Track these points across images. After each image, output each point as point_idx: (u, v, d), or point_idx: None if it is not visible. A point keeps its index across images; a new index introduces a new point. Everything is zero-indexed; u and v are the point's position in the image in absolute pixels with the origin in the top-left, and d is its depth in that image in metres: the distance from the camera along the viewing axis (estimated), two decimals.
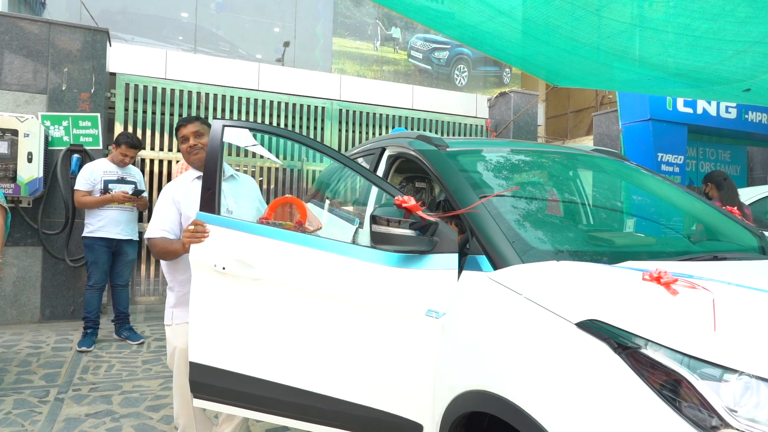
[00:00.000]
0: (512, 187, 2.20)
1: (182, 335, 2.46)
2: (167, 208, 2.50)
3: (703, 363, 1.16)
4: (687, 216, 2.40)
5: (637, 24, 4.29)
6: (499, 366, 1.52)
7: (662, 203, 2.46)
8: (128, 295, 4.72)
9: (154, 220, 2.49)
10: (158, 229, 2.45)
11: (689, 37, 4.40)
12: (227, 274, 2.09)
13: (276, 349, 2.05)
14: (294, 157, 6.83)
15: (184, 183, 2.58)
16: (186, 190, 2.54)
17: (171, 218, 2.48)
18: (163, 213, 2.49)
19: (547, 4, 4.19)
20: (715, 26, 4.18)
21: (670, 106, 7.15)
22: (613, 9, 4.14)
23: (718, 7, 3.94)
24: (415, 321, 1.85)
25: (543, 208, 2.14)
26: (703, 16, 4.08)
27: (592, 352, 1.30)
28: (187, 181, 2.59)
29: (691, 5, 3.99)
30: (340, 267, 1.98)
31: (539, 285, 1.53)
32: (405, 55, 9.83)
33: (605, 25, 4.36)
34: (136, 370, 3.94)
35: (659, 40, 4.48)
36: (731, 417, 1.09)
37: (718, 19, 4.09)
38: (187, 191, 2.54)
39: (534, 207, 2.07)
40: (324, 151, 2.25)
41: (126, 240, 4.53)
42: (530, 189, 2.20)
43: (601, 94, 12.88)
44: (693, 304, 1.31)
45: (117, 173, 4.51)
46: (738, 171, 8.54)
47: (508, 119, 7.86)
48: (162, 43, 8.09)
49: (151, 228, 2.47)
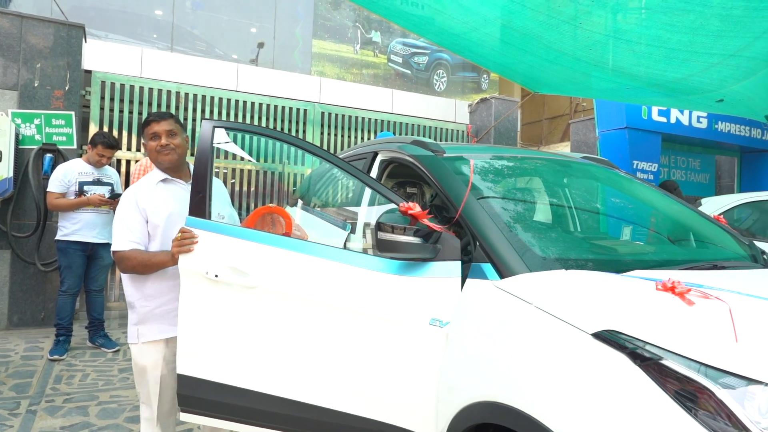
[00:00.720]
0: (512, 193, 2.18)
1: (150, 354, 2.25)
2: (132, 216, 2.22)
3: (728, 374, 1.15)
4: (679, 224, 2.42)
5: (617, 36, 4.39)
6: (511, 377, 1.49)
7: (656, 211, 2.48)
8: (103, 301, 4.56)
9: (119, 231, 2.20)
10: (127, 240, 2.18)
11: (665, 50, 4.51)
12: (219, 282, 2.01)
13: (272, 359, 1.98)
14: (275, 160, 6.72)
15: (147, 186, 2.29)
16: (151, 195, 2.26)
17: (138, 227, 2.21)
18: (129, 222, 2.21)
19: (532, 19, 4.25)
20: (692, 39, 4.31)
21: (646, 115, 7.31)
22: (595, 22, 4.23)
23: (695, 22, 4.06)
24: (419, 330, 1.81)
25: (546, 215, 2.13)
26: (680, 30, 4.18)
27: (610, 363, 1.28)
28: (151, 183, 2.30)
29: (663, 18, 4.09)
30: (338, 275, 1.93)
31: (551, 294, 1.51)
32: (385, 59, 9.80)
33: (587, 37, 4.44)
34: (113, 379, 3.79)
35: (636, 51, 4.60)
36: (757, 429, 1.08)
37: (695, 33, 4.21)
38: (152, 196, 2.26)
39: (537, 215, 2.06)
40: (324, 156, 2.20)
41: (102, 244, 4.37)
42: (532, 196, 2.19)
43: (576, 102, 13.11)
44: (710, 315, 1.30)
45: (93, 174, 4.35)
46: (707, 179, 8.78)
47: (488, 125, 7.91)
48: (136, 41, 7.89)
49: (118, 240, 2.19)
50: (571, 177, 2.51)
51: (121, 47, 6.53)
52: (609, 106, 7.29)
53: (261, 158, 6.67)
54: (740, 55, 4.51)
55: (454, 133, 8.11)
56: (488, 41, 4.81)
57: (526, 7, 4.07)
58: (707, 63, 4.65)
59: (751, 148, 8.16)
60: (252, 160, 6.39)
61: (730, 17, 3.96)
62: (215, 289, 2.02)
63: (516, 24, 4.36)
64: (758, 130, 8.11)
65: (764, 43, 4.28)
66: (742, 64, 4.69)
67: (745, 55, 4.49)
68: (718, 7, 3.78)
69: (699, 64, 4.66)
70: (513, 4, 4.09)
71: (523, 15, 4.18)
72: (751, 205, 5.44)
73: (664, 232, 2.33)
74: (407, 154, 2.41)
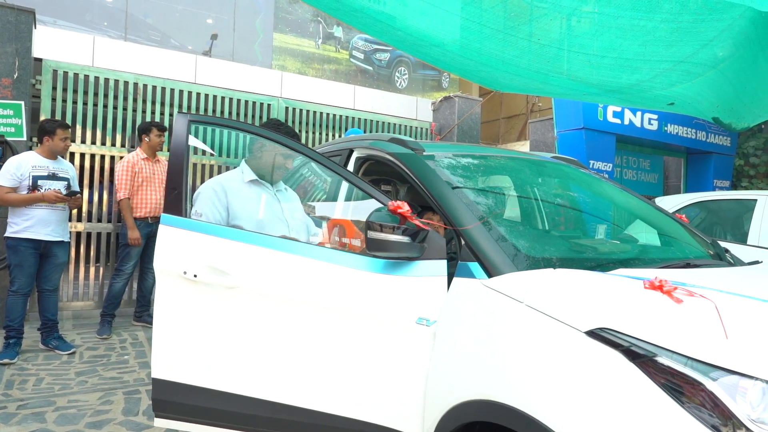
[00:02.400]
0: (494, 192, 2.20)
1: None
2: None
3: (720, 370, 1.19)
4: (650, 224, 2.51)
5: (573, 50, 4.57)
6: (504, 375, 1.50)
7: (628, 211, 2.56)
8: (57, 301, 4.33)
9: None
10: None
11: (619, 60, 4.73)
12: (198, 282, 1.95)
13: (254, 361, 1.93)
14: None
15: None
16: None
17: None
18: None
19: (491, 38, 4.35)
20: (644, 50, 4.55)
21: (601, 116, 7.55)
22: (552, 38, 4.40)
23: (647, 34, 4.28)
24: (406, 329, 1.80)
25: (528, 214, 2.16)
26: (633, 41, 4.40)
27: (605, 361, 1.31)
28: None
29: (616, 32, 4.28)
30: (323, 274, 1.90)
31: (542, 293, 1.53)
32: (347, 55, 9.74)
33: (545, 51, 4.59)
34: (70, 383, 3.61)
35: (592, 62, 4.80)
36: (752, 423, 1.13)
37: (646, 44, 4.45)
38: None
39: (519, 213, 2.09)
40: (304, 153, 2.15)
41: (56, 242, 4.16)
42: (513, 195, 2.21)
43: (532, 102, 13.42)
44: (698, 312, 1.35)
45: (48, 168, 4.12)
46: (656, 179, 9.17)
47: (452, 123, 7.99)
48: (87, 28, 7.53)
49: None
50: (547, 177, 2.56)
51: (72, 35, 6.20)
52: (567, 107, 7.50)
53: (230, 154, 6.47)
54: (689, 62, 4.75)
55: (418, 130, 8.14)
56: (444, 56, 4.90)
57: (485, 26, 4.17)
58: (659, 69, 4.88)
59: (696, 149, 8.57)
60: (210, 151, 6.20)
61: (680, 28, 4.19)
62: (194, 290, 1.95)
63: (473, 45, 4.47)
64: (703, 132, 8.53)
65: (710, 50, 4.55)
66: (691, 70, 4.94)
67: (693, 62, 4.74)
68: (668, 20, 3.99)
69: (650, 71, 4.90)
70: (472, 24, 4.18)
71: (482, 35, 4.29)
72: (700, 204, 5.72)
73: (637, 232, 2.41)
74: (386, 151, 2.40)
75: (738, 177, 8.90)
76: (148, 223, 4.92)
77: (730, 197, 5.61)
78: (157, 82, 5.96)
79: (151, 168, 4.98)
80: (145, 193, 4.92)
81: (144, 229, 4.89)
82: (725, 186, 8.67)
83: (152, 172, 4.99)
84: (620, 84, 5.29)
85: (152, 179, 4.97)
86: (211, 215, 2.24)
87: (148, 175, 4.95)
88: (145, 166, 4.95)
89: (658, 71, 4.98)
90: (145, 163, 4.95)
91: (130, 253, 4.86)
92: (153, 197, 4.95)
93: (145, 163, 4.95)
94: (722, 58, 4.71)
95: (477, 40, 4.41)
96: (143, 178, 4.91)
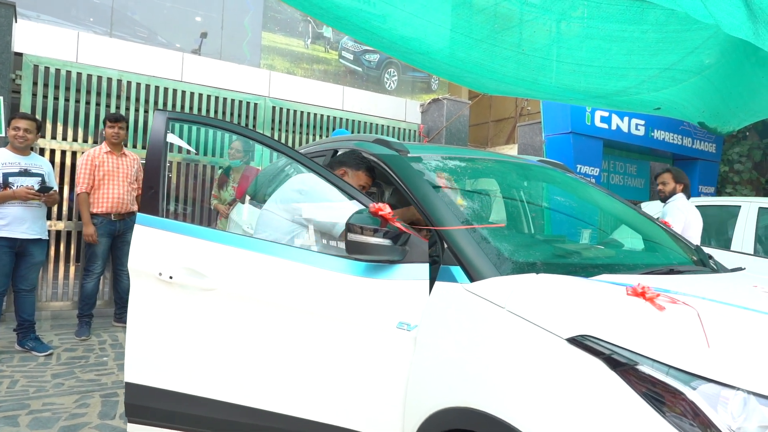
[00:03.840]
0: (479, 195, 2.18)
1: None
2: None
3: (702, 379, 1.17)
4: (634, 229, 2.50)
5: (559, 60, 4.60)
6: (484, 382, 1.47)
7: (612, 216, 2.55)
8: (34, 301, 4.23)
9: None
10: None
11: (605, 68, 4.78)
12: (174, 284, 1.90)
13: (231, 365, 1.88)
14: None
15: None
16: None
17: None
18: None
19: (475, 47, 4.36)
20: (629, 59, 4.61)
21: (589, 120, 7.58)
22: (536, 48, 4.42)
23: (632, 45, 4.34)
24: (386, 334, 1.77)
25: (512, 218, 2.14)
26: (618, 51, 4.45)
27: (586, 368, 1.28)
28: None
29: (601, 44, 4.33)
30: (302, 277, 1.86)
31: (524, 299, 1.50)
32: (336, 55, 9.71)
33: (529, 61, 4.62)
34: (45, 385, 3.53)
35: (577, 72, 4.84)
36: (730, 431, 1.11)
37: (631, 53, 4.51)
38: None
39: (503, 217, 2.06)
40: (284, 152, 2.11)
41: (33, 240, 4.07)
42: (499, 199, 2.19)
43: (521, 106, 13.46)
44: (680, 320, 1.33)
45: (19, 164, 4.02)
46: (642, 184, 9.23)
47: (440, 125, 7.98)
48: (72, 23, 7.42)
49: None
50: (532, 180, 2.54)
51: (56, 30, 6.09)
52: (555, 111, 7.52)
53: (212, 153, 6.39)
54: (674, 69, 4.82)
55: (406, 132, 8.12)
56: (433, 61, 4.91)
57: (470, 37, 4.18)
58: (645, 76, 4.93)
59: (682, 155, 8.63)
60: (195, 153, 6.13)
61: (666, 38, 4.24)
62: (169, 292, 1.90)
63: (458, 54, 4.48)
64: (689, 139, 8.60)
65: (696, 57, 4.61)
66: (677, 76, 5.00)
67: (679, 68, 4.80)
68: (654, 30, 4.04)
69: (636, 78, 4.95)
70: (456, 35, 4.19)
71: (466, 44, 4.30)
72: None
73: (621, 236, 2.40)
74: (370, 152, 2.37)
75: (723, 183, 8.98)
76: (110, 221, 4.67)
77: (715, 203, 5.65)
78: (141, 80, 5.87)
79: (114, 162, 4.71)
80: (107, 188, 4.65)
81: (107, 227, 4.66)
82: (710, 192, 8.74)
83: (116, 167, 4.70)
84: (607, 90, 5.35)
85: (115, 174, 4.68)
86: None
87: (111, 169, 4.67)
88: (108, 159, 4.67)
89: (644, 78, 5.03)
90: (108, 157, 4.67)
91: (95, 252, 4.64)
92: (115, 192, 4.67)
93: (108, 156, 4.67)
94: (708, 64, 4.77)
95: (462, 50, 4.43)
96: (104, 172, 4.63)
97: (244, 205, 3.92)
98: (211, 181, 6.02)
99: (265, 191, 3.83)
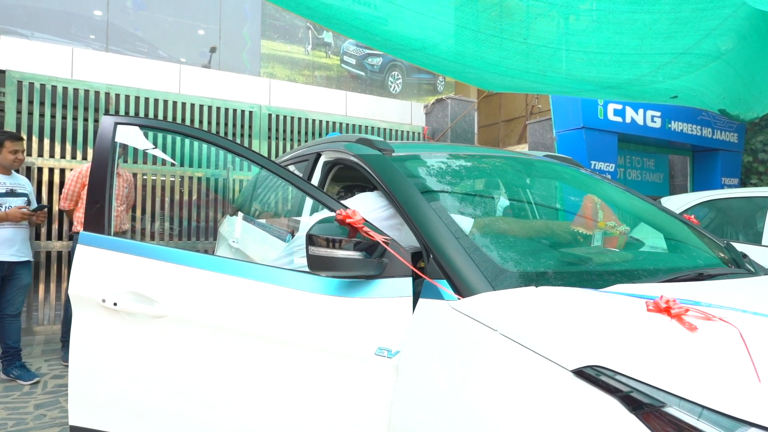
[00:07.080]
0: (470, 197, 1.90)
1: None
2: None
3: (752, 426, 0.88)
4: (652, 226, 2.20)
5: (565, 48, 4.36)
6: (474, 422, 1.19)
7: (626, 213, 2.25)
8: (20, 327, 4.04)
9: None
10: None
11: (615, 55, 4.51)
12: (120, 312, 1.65)
13: (185, 403, 1.63)
14: (218, 166, 6.28)
15: None
16: None
17: None
18: None
19: (472, 39, 4.14)
20: (641, 43, 4.35)
21: (602, 114, 7.24)
22: (540, 37, 4.18)
23: (643, 27, 4.08)
24: (363, 362, 1.50)
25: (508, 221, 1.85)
26: (629, 35, 4.20)
27: (597, 409, 1.00)
28: None
29: (611, 27, 4.08)
30: (266, 298, 1.60)
31: (520, 319, 1.22)
32: (337, 61, 9.49)
33: (533, 50, 4.38)
34: (26, 417, 3.31)
35: (585, 60, 4.59)
36: None
37: (643, 36, 4.24)
38: None
39: (498, 220, 1.78)
40: (243, 154, 1.86)
41: (21, 262, 3.89)
42: (492, 200, 1.91)
43: (531, 104, 13.12)
44: (719, 344, 1.04)
45: (5, 185, 3.86)
46: (661, 178, 8.83)
47: (445, 126, 7.70)
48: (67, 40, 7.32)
49: None
50: (534, 177, 2.25)
51: (48, 46, 5.95)
52: (565, 106, 7.20)
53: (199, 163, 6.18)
54: (690, 53, 4.54)
55: (411, 135, 7.86)
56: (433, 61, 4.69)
57: (467, 28, 3.96)
58: (659, 63, 4.65)
59: (702, 147, 8.24)
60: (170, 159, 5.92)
61: (679, 19, 3.96)
62: (114, 321, 1.65)
63: (458, 48, 4.26)
64: (709, 129, 8.20)
65: (713, 40, 4.34)
66: (694, 61, 4.71)
67: (696, 53, 4.52)
68: (667, 11, 3.77)
69: (650, 65, 4.68)
70: (456, 27, 3.98)
71: (464, 36, 4.07)
72: (708, 204, 5.39)
73: (638, 236, 2.09)
74: (351, 153, 2.11)
75: (747, 174, 8.55)
76: None
77: (741, 195, 5.26)
78: (130, 92, 5.69)
79: None
80: None
81: None
82: (734, 184, 8.32)
83: None
84: (619, 80, 5.07)
85: None
86: None
87: None
88: None
89: (659, 65, 4.74)
90: None
91: None
92: None
93: None
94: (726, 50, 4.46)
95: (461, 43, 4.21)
96: None
97: (234, 219, 3.69)
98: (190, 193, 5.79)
99: (253, 204, 3.59)
